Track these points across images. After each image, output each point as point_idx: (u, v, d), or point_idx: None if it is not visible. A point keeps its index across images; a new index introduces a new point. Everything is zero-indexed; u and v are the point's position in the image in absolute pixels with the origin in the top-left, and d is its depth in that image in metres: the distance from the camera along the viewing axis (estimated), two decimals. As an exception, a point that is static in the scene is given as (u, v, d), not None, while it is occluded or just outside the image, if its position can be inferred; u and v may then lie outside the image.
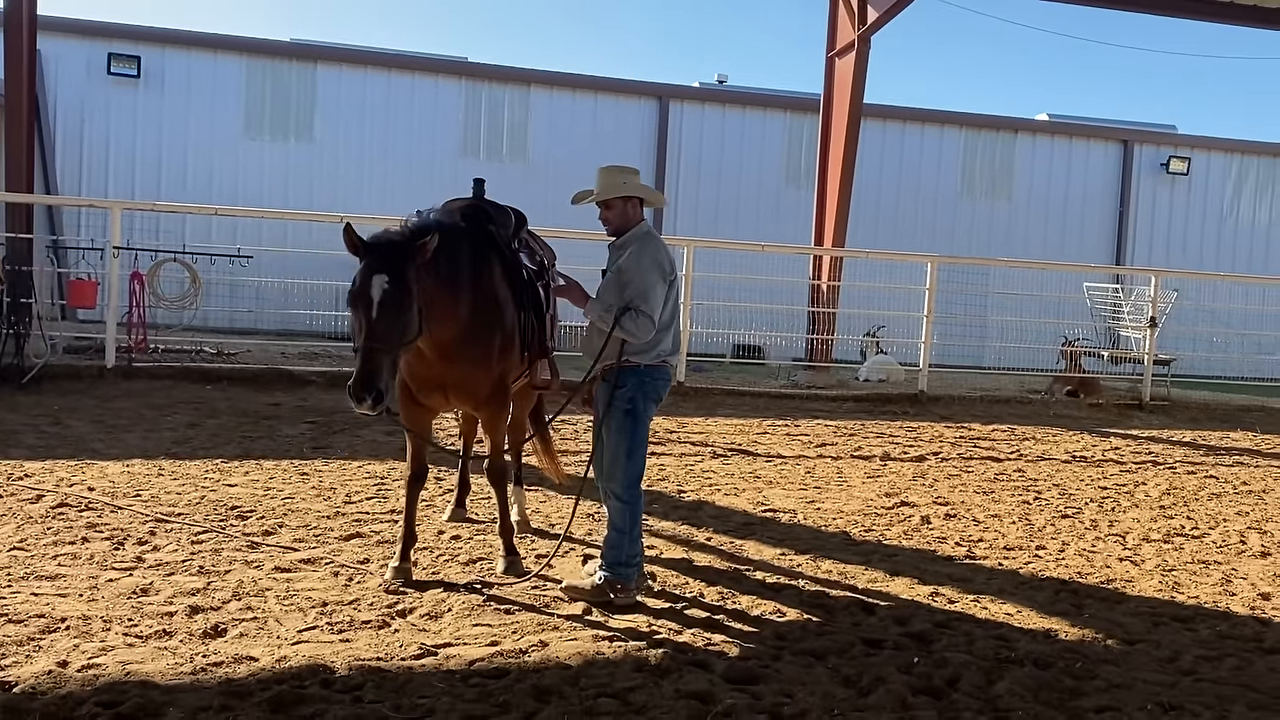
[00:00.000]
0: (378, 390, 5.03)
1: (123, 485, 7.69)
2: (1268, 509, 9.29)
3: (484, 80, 21.92)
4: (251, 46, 21.05)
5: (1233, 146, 26.66)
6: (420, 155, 21.09)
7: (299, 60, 21.06)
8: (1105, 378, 16.59)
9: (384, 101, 21.26)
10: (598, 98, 22.47)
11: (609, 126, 22.27)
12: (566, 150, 21.54)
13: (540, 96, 22.21)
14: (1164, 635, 5.77)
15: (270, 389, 12.23)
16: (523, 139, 22.11)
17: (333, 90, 21.04)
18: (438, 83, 21.65)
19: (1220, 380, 18.13)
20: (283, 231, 19.05)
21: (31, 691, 4.29)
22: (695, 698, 4.55)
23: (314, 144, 20.97)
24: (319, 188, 20.34)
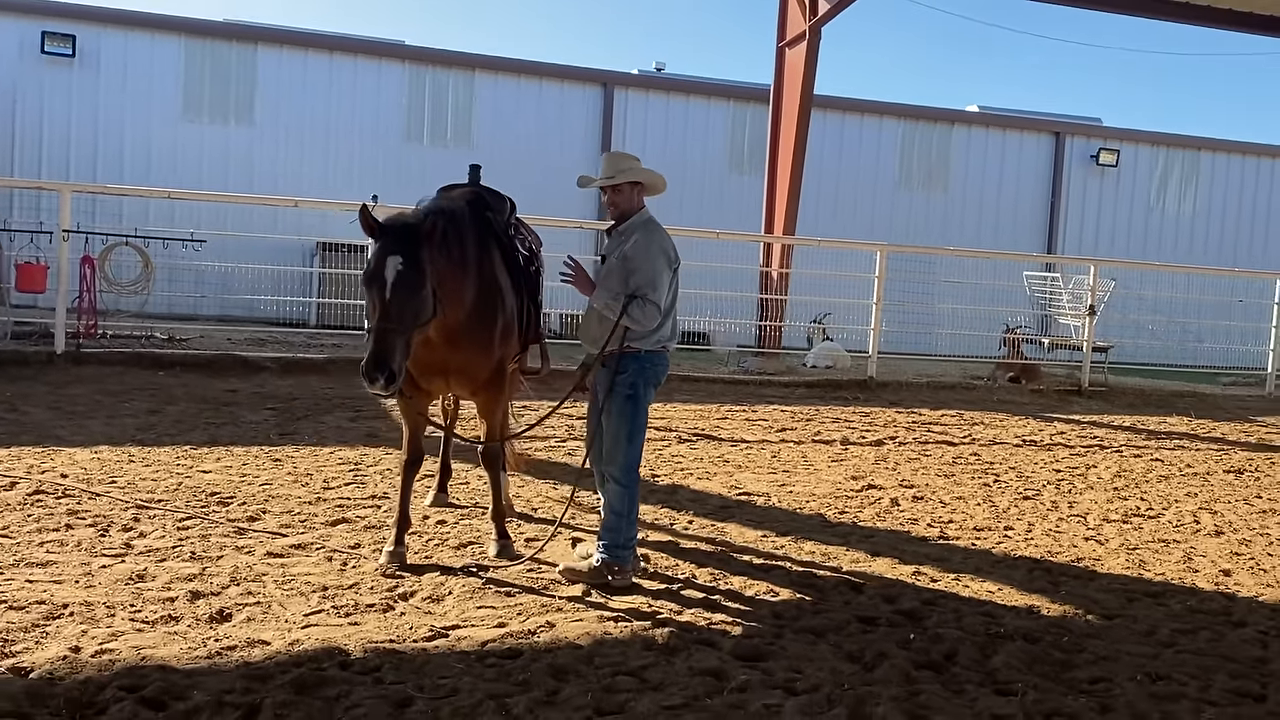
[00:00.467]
0: (390, 370, 5.06)
1: (95, 472, 7.57)
2: (1214, 490, 9.65)
3: (428, 64, 21.74)
4: (190, 27, 20.63)
5: (1159, 139, 27.40)
6: (363, 139, 20.89)
7: (239, 41, 20.69)
8: (1046, 364, 17.03)
9: (326, 84, 20.99)
10: (542, 83, 22.42)
11: (553, 112, 22.25)
12: (511, 136, 21.49)
13: (485, 81, 22.09)
14: (1139, 610, 6.00)
15: (225, 375, 12.08)
16: (467, 124, 21.99)
17: (273, 72, 20.72)
18: (380, 66, 21.44)
19: (1153, 367, 18.69)
20: (220, 215, 18.74)
21: (50, 676, 4.26)
22: (709, 674, 4.66)
23: (254, 127, 20.64)
24: (260, 171, 20.03)
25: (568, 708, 4.24)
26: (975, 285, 17.90)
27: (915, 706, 4.44)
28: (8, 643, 4.56)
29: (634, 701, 4.33)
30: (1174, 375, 18.54)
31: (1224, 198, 28.07)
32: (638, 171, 5.95)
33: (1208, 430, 13.63)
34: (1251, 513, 8.79)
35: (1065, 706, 4.53)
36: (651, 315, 5.71)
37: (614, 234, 5.99)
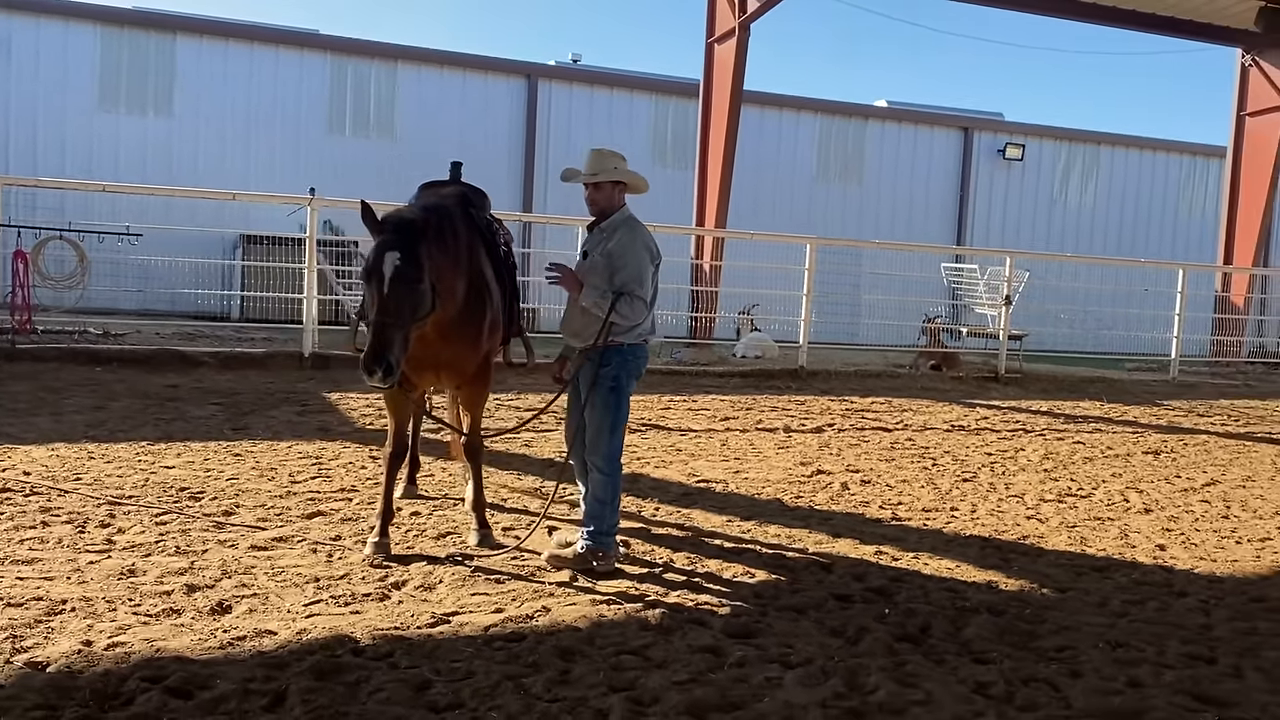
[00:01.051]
0: (389, 363, 5.18)
1: (57, 469, 7.52)
2: (1136, 470, 10.18)
3: (350, 55, 21.62)
4: (106, 15, 20.20)
5: (1061, 134, 28.43)
6: (285, 131, 20.69)
7: (157, 30, 20.32)
8: (964, 352, 17.63)
9: (247, 75, 20.73)
10: (466, 75, 22.42)
11: (477, 104, 22.27)
12: (435, 127, 21.47)
13: (408, 73, 22.02)
14: (1089, 583, 6.39)
15: (164, 371, 11.95)
16: (390, 115, 21.91)
17: (193, 63, 20.40)
18: (303, 57, 21.24)
19: (1064, 354, 19.46)
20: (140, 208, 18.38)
21: (69, 670, 4.31)
22: (707, 651, 4.88)
23: (173, 118, 20.30)
24: (179, 163, 19.73)
25: (582, 686, 4.43)
26: (891, 276, 18.46)
27: (903, 675, 4.72)
28: (17, 639, 4.59)
29: (643, 678, 4.53)
30: (1083, 362, 19.33)
31: (1122, 190, 29.25)
32: (622, 172, 6.13)
33: (1120, 414, 14.27)
34: (1174, 491, 9.31)
35: (1039, 673, 4.85)
36: (639, 310, 5.92)
37: (595, 230, 6.17)
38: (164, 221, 17.52)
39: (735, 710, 4.27)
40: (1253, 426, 13.76)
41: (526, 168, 22.29)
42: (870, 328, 17.97)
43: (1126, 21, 20.55)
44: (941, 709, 4.38)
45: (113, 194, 16.95)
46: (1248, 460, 11.12)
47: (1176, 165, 29.71)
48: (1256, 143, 20.87)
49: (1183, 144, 29.80)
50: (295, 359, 12.87)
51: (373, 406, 10.79)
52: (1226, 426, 13.64)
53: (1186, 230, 29.80)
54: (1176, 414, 14.65)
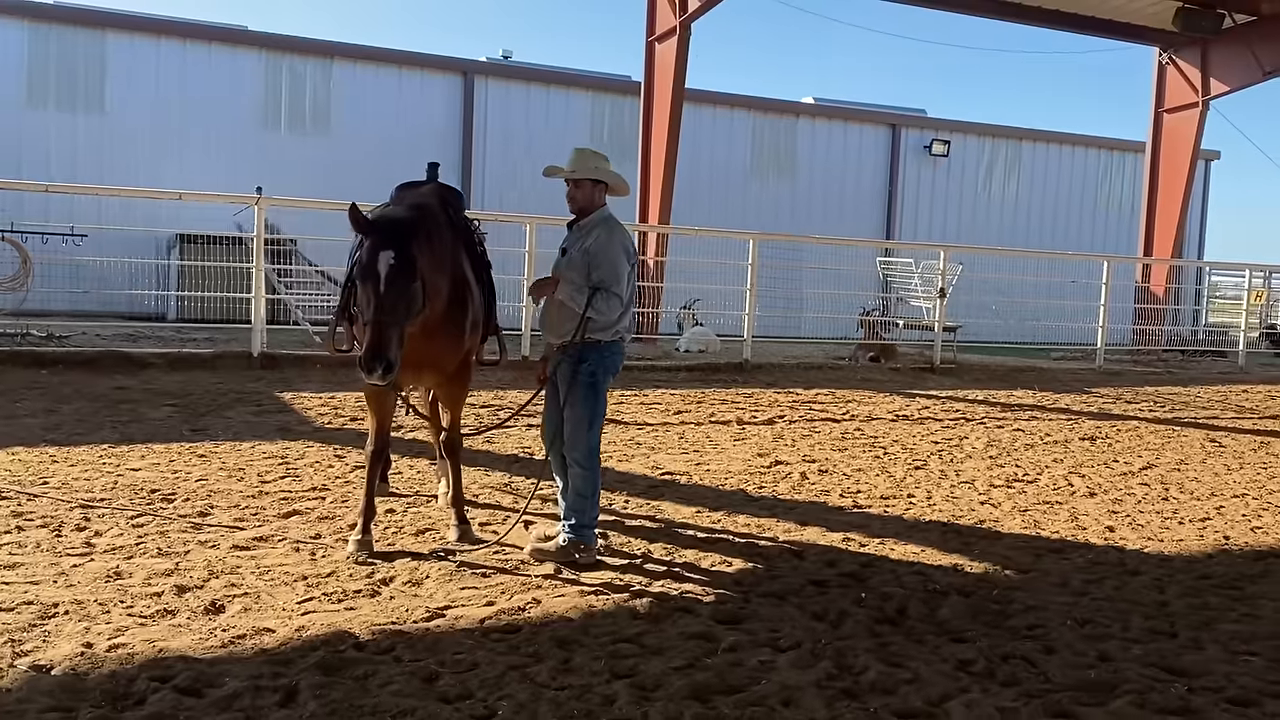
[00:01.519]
0: (388, 361, 5.25)
1: (21, 473, 7.43)
2: (1076, 456, 10.55)
3: (284, 52, 21.40)
4: (33, 11, 19.76)
5: (985, 130, 29.10)
6: (220, 128, 20.41)
7: (86, 27, 19.90)
8: (901, 344, 18.02)
9: (180, 72, 20.41)
10: (402, 71, 22.31)
11: (414, 100, 22.19)
12: (371, 124, 21.36)
13: (343, 69, 21.85)
14: (1048, 564, 6.67)
15: (110, 372, 11.79)
16: (325, 112, 21.72)
17: (125, 60, 20.03)
18: (236, 53, 20.97)
19: (995, 345, 19.98)
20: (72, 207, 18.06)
21: (74, 672, 4.33)
22: (699, 638, 5.04)
23: (105, 115, 19.92)
24: (112, 161, 19.38)
25: (585, 674, 4.56)
26: (828, 271, 18.77)
27: (889, 655, 4.93)
28: (16, 643, 4.59)
29: (643, 665, 4.67)
30: (1012, 352, 19.87)
31: (1043, 184, 30.02)
32: (603, 172, 6.25)
33: (1053, 402, 14.72)
34: (1113, 475, 9.68)
35: (1016, 649, 5.09)
36: (614, 307, 6.05)
37: (574, 228, 6.28)
38: (96, 221, 17.23)
39: (736, 693, 4.43)
40: (1179, 412, 14.28)
41: (464, 165, 22.25)
42: (809, 321, 18.28)
43: (1048, 21, 21.12)
44: (930, 686, 4.59)
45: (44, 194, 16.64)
46: (1178, 444, 11.58)
47: (1095, 159, 30.57)
48: (1174, 138, 21.59)
49: (1100, 139, 30.67)
50: (244, 359, 12.77)
51: (328, 406, 10.79)
52: (1154, 412, 14.15)
53: (1105, 223, 30.68)
54: (1106, 401, 15.16)
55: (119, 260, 15.39)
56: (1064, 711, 4.41)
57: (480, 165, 22.43)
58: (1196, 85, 20.93)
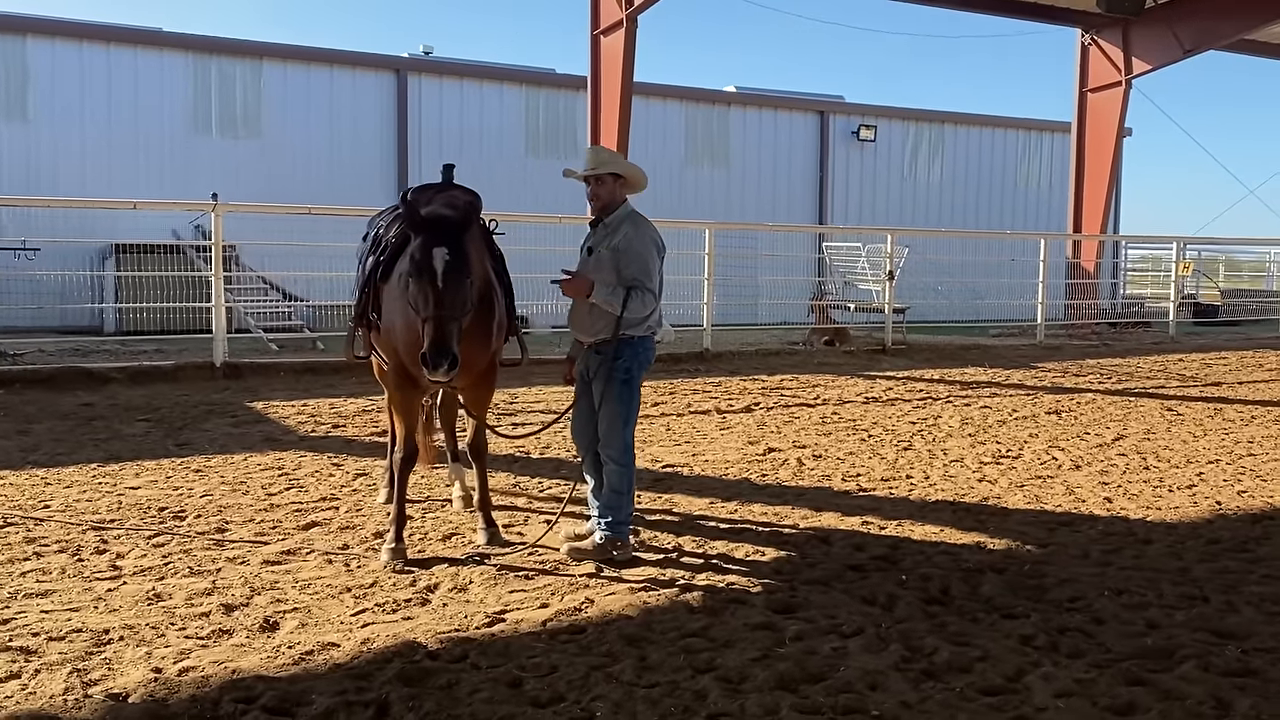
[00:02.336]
0: (453, 355, 5.22)
1: (18, 498, 7.20)
2: (1048, 430, 10.81)
3: (212, 54, 20.88)
4: (-53, 17, 19.03)
5: (909, 115, 29.59)
6: (149, 133, 19.89)
7: (5, 33, 19.20)
8: (854, 327, 18.27)
9: (105, 77, 19.81)
10: (333, 71, 21.94)
11: (347, 100, 21.85)
12: (303, 125, 21.02)
13: (273, 70, 21.41)
14: (1063, 537, 6.84)
15: (71, 389, 11.44)
16: (256, 114, 21.27)
17: (47, 65, 19.38)
18: (162, 56, 20.41)
19: (936, 324, 20.35)
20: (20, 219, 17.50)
21: (153, 698, 4.22)
22: (763, 628, 5.08)
23: (29, 123, 19.26)
24: (39, 171, 18.77)
25: (667, 670, 4.57)
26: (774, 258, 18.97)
27: (952, 635, 5.02)
28: (80, 672, 4.46)
29: (719, 658, 4.70)
30: (954, 331, 20.26)
31: (965, 166, 30.63)
32: (618, 164, 6.24)
33: (1005, 378, 15.06)
34: (1091, 448, 9.95)
35: (1068, 622, 5.22)
36: (649, 304, 6.05)
37: (599, 227, 6.26)
38: (23, 233, 16.73)
39: (820, 681, 4.48)
40: (1127, 383, 14.71)
41: (400, 163, 21.98)
42: (760, 308, 18.44)
43: (970, 5, 21.56)
44: (1003, 663, 4.69)
45: None
46: (1139, 415, 11.93)
47: (1015, 140, 31.26)
48: (1098, 117, 22.18)
49: (1020, 120, 31.38)
50: (206, 369, 12.48)
51: (304, 414, 10.61)
52: (1104, 384, 14.55)
53: (1024, 201, 31.42)
54: (1054, 375, 15.54)
55: (58, 273, 14.91)
56: (1137, 679, 4.53)
57: (416, 163, 22.17)
58: (1119, 65, 21.52)
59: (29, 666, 4.50)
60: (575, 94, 23.37)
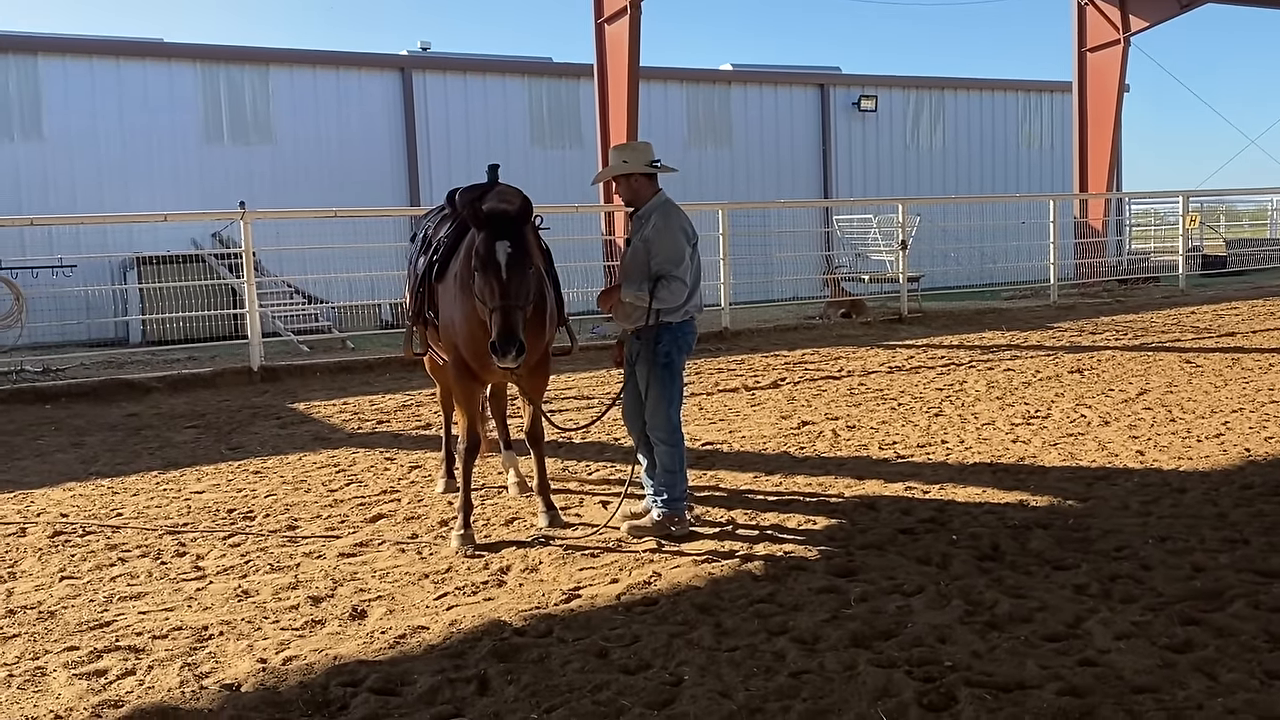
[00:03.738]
0: (520, 343, 5.47)
1: (90, 508, 7.46)
2: (1073, 389, 11.04)
3: (220, 62, 21.11)
4: (-43, 40, 19.24)
5: (909, 83, 29.74)
6: (162, 145, 20.15)
7: (16, 53, 19.42)
8: (869, 298, 18.49)
9: (116, 91, 20.05)
10: (339, 73, 22.15)
11: (354, 101, 22.07)
12: (314, 128, 21.27)
13: (280, 76, 21.64)
14: (1101, 491, 7.07)
15: (114, 400, 11.70)
16: (266, 120, 21.50)
17: (59, 83, 19.62)
18: (171, 68, 20.64)
19: (949, 290, 20.55)
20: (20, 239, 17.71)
21: (264, 686, 4.48)
22: (827, 591, 5.33)
23: (44, 141, 19.51)
24: (56, 187, 19.04)
25: (744, 634, 4.82)
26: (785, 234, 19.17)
27: (1010, 589, 5.26)
28: (190, 666, 4.72)
29: (792, 621, 4.95)
30: (967, 296, 20.47)
31: (967, 130, 30.78)
32: (630, 166, 6.43)
33: (1023, 340, 15.27)
34: (1116, 403, 10.17)
35: (1118, 570, 5.46)
36: (678, 291, 6.27)
37: (634, 219, 6.49)
38: (47, 250, 16.99)
39: (892, 637, 4.73)
40: (1144, 338, 14.92)
41: (409, 160, 22.20)
42: (773, 284, 18.66)
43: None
44: (1061, 612, 4.93)
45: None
46: (1159, 369, 12.15)
47: (1015, 102, 31.40)
48: (1099, 76, 22.30)
49: (1018, 82, 31.51)
50: (244, 374, 12.73)
51: (346, 412, 10.86)
52: (1121, 340, 14.76)
53: (1029, 162, 31.58)
54: (1071, 334, 15.75)
55: (84, 288, 15.16)
56: (1191, 619, 4.78)
57: (425, 159, 22.41)
58: (1117, 23, 21.65)
59: (141, 663, 4.76)
60: (576, 82, 23.58)
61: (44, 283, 14.43)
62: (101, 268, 17.99)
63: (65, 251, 17.08)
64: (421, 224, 7.21)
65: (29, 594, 5.73)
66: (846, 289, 18.32)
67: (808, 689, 4.26)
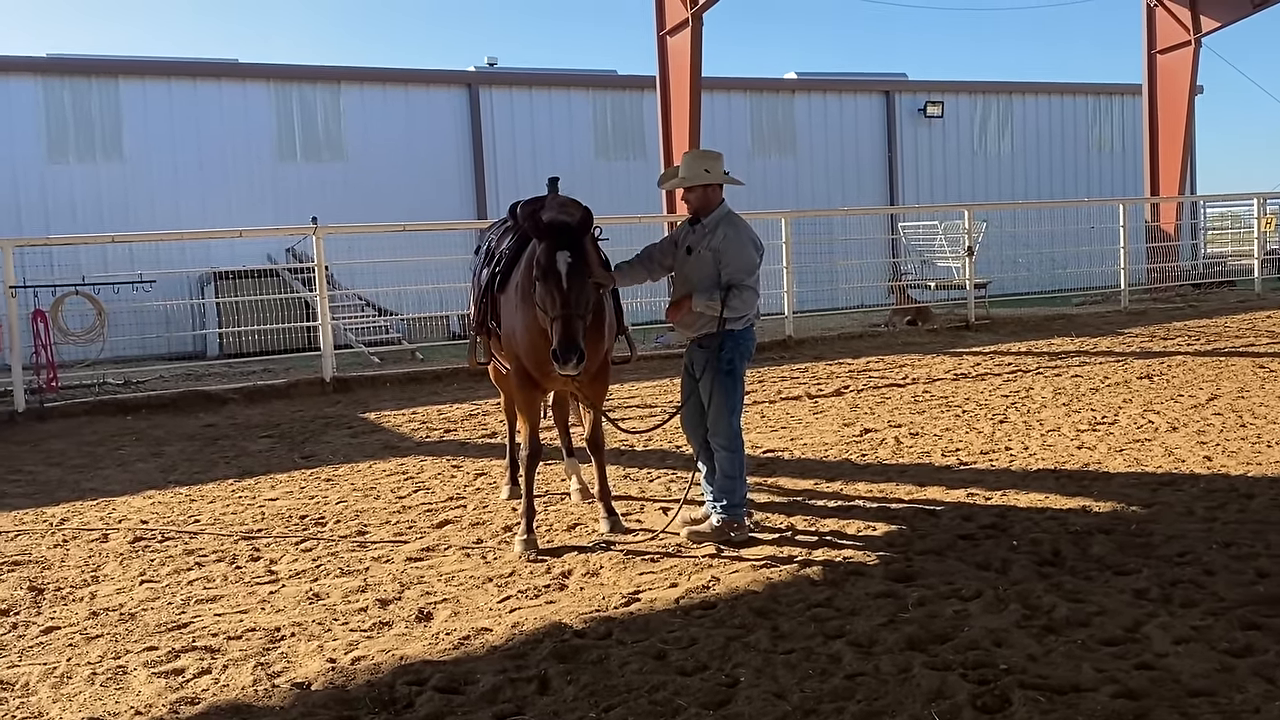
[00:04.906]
0: (580, 350, 5.60)
1: (169, 515, 7.72)
2: (1142, 395, 10.91)
3: (293, 81, 21.64)
4: (45, 66, 19.98)
5: (976, 88, 29.50)
6: (237, 163, 20.70)
7: (98, 76, 20.12)
8: (936, 305, 18.38)
9: (193, 111, 20.65)
10: (408, 90, 22.57)
11: (423, 116, 22.47)
12: (383, 144, 21.67)
13: (351, 93, 22.11)
14: (1166, 497, 7.01)
15: (193, 411, 12.06)
16: (338, 137, 21.99)
17: (139, 104, 20.26)
18: (245, 87, 21.21)
19: (1017, 296, 20.35)
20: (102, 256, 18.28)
21: (333, 685, 4.64)
22: (885, 596, 5.37)
23: (125, 162, 20.15)
24: (136, 207, 19.65)
25: (800, 637, 4.88)
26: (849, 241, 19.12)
27: (1068, 594, 5.25)
28: (263, 665, 4.89)
29: (848, 625, 5.00)
30: (1036, 302, 20.25)
31: (1036, 135, 30.44)
32: (712, 175, 6.52)
33: (1092, 346, 15.08)
34: (1185, 409, 10.04)
35: (1180, 575, 5.43)
36: (749, 300, 6.36)
37: (697, 227, 6.57)
38: (128, 267, 17.48)
39: (948, 641, 4.76)
40: (1216, 343, 14.66)
41: (476, 175, 22.55)
42: (838, 292, 18.64)
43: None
44: (1119, 616, 4.92)
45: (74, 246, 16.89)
46: (1231, 374, 11.94)
47: (1084, 106, 31.00)
48: (1169, 78, 21.93)
49: (1088, 85, 31.12)
50: (316, 385, 13.05)
51: (415, 421, 11.09)
52: (1193, 346, 14.52)
53: (1099, 166, 31.14)
54: (1142, 340, 15.53)
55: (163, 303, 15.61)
56: (1252, 624, 4.74)
57: (492, 173, 22.73)
58: (1187, 24, 21.28)
59: (216, 663, 4.95)
60: (640, 94, 23.76)
61: (125, 298, 14.83)
62: (180, 283, 18.50)
63: (145, 268, 17.51)
64: (485, 236, 7.38)
65: (111, 597, 5.96)
66: (912, 296, 18.22)
67: (862, 691, 4.31)
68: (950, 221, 18.18)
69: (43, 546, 7.03)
